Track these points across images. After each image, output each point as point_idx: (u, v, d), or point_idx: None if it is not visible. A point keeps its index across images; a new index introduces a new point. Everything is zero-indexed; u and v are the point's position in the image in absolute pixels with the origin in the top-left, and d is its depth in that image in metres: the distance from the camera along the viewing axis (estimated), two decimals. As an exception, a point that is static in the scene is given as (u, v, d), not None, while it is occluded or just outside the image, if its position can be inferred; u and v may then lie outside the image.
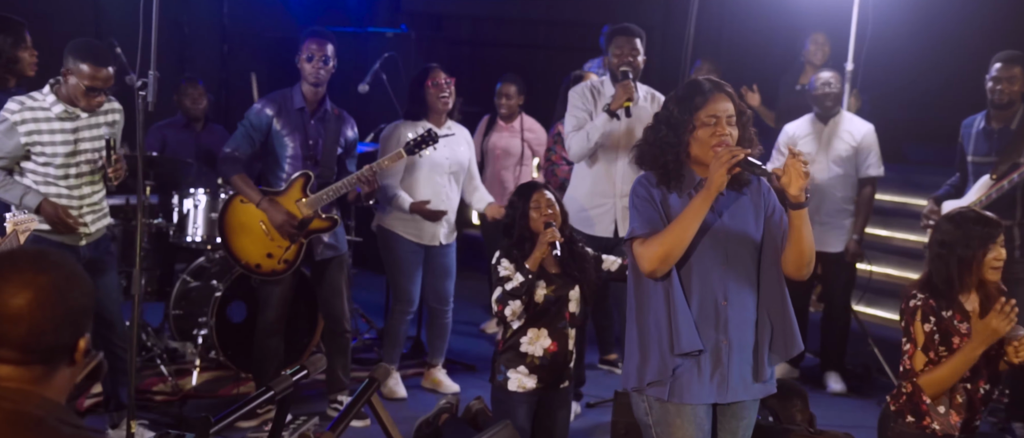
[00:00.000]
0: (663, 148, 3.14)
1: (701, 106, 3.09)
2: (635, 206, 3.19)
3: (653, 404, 3.20)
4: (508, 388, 4.08)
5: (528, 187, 4.21)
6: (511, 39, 11.33)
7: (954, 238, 3.56)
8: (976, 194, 5.35)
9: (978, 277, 3.57)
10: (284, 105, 5.00)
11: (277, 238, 4.97)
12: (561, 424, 4.21)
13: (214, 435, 2.47)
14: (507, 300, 4.01)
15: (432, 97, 5.42)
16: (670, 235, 3.06)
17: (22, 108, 4.35)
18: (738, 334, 3.16)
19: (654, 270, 3.10)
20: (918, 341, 3.57)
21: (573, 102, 5.23)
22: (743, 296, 3.17)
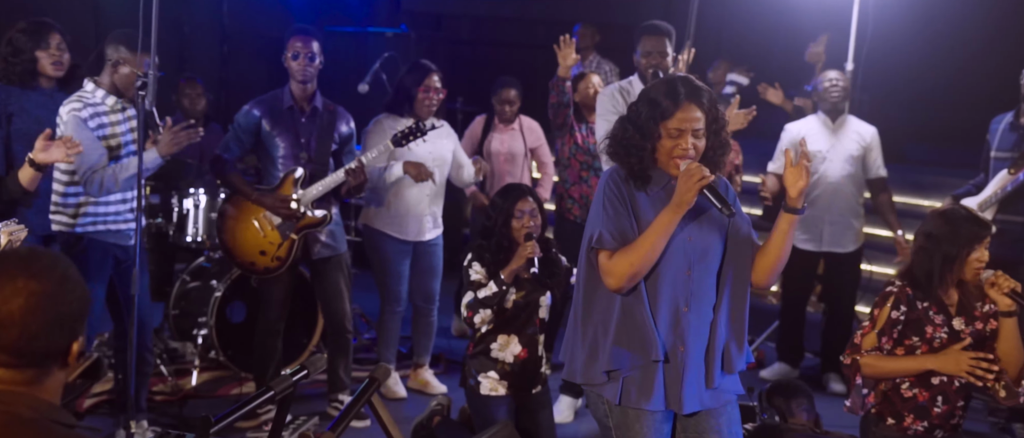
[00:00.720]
0: (629, 149, 3.07)
1: (668, 115, 3.01)
2: (605, 208, 3.08)
3: (611, 407, 3.15)
4: (481, 393, 4.07)
5: (512, 191, 4.13)
6: (511, 39, 11.34)
7: (942, 233, 3.57)
8: (992, 188, 5.35)
9: (959, 275, 3.59)
10: (273, 105, 5.00)
11: (270, 235, 4.97)
12: (545, 425, 4.19)
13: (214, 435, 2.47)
14: (478, 308, 3.98)
15: (420, 102, 5.40)
16: (638, 253, 3.00)
17: (83, 105, 4.43)
18: (696, 341, 3.12)
19: (620, 287, 3.05)
20: (878, 323, 3.60)
21: (602, 106, 5.14)
22: (703, 303, 3.12)
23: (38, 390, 1.79)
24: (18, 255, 1.82)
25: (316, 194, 4.94)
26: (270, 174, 5.03)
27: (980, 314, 3.64)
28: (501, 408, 4.06)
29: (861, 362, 3.59)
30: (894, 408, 3.65)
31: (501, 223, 4.05)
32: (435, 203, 5.55)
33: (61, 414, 1.80)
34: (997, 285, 3.50)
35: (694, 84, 3.06)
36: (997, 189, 5.30)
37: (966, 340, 3.59)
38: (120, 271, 4.62)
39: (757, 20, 8.56)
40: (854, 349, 3.66)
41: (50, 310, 1.77)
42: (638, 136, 3.05)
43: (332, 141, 5.07)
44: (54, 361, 1.80)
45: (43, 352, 1.78)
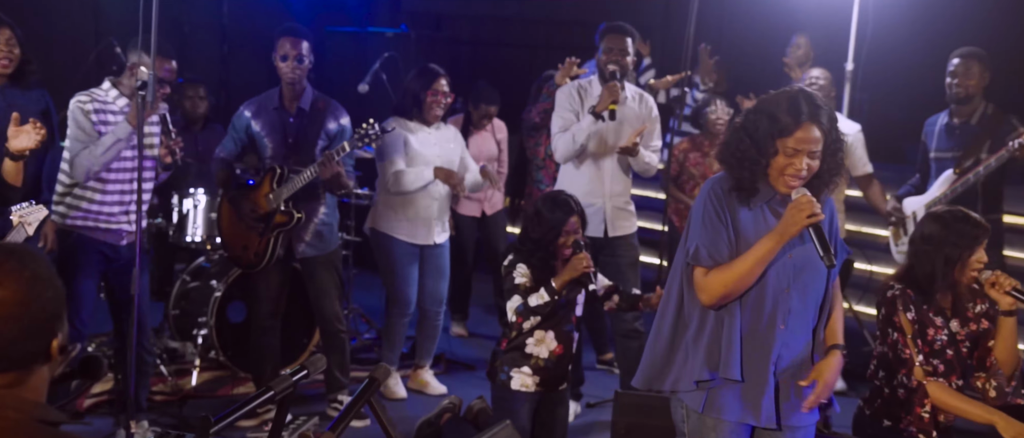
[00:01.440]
0: (742, 161, 2.98)
1: (787, 133, 2.92)
2: (704, 221, 3.04)
3: (690, 413, 3.14)
4: (511, 387, 4.07)
5: (562, 207, 4.06)
6: (511, 39, 11.32)
7: (941, 236, 3.57)
8: (940, 189, 5.39)
9: (957, 277, 3.59)
10: (263, 105, 5.07)
11: (252, 229, 5.03)
12: (561, 421, 4.22)
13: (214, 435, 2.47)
14: (529, 315, 3.98)
15: (427, 106, 5.40)
16: (734, 275, 2.97)
17: (91, 99, 4.52)
18: (791, 359, 3.09)
19: (713, 304, 3.03)
20: (906, 329, 3.58)
21: (560, 102, 5.22)
22: (801, 321, 3.09)
23: (22, 390, 1.77)
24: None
25: (288, 192, 4.93)
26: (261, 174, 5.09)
27: (973, 315, 3.64)
28: (525, 404, 4.07)
29: (929, 389, 3.56)
30: (890, 409, 3.65)
31: (551, 239, 4.01)
32: (444, 207, 5.55)
33: (47, 412, 1.78)
34: (998, 284, 3.50)
35: (816, 102, 2.96)
36: (946, 190, 5.33)
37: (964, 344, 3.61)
38: (114, 271, 4.63)
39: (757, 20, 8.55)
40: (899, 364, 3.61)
41: (23, 316, 1.73)
42: (754, 150, 2.96)
43: (317, 139, 5.06)
44: (35, 361, 1.78)
45: (21, 355, 1.75)
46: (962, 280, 3.59)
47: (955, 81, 5.36)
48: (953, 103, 5.43)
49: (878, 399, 3.69)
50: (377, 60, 6.85)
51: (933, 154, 5.54)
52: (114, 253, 4.61)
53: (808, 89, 3.08)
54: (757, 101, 3.09)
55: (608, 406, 5.00)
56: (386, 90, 6.65)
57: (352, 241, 6.48)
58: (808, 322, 3.11)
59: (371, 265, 7.12)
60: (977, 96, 5.38)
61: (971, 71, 5.33)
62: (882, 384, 3.67)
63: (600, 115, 5.00)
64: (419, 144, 5.38)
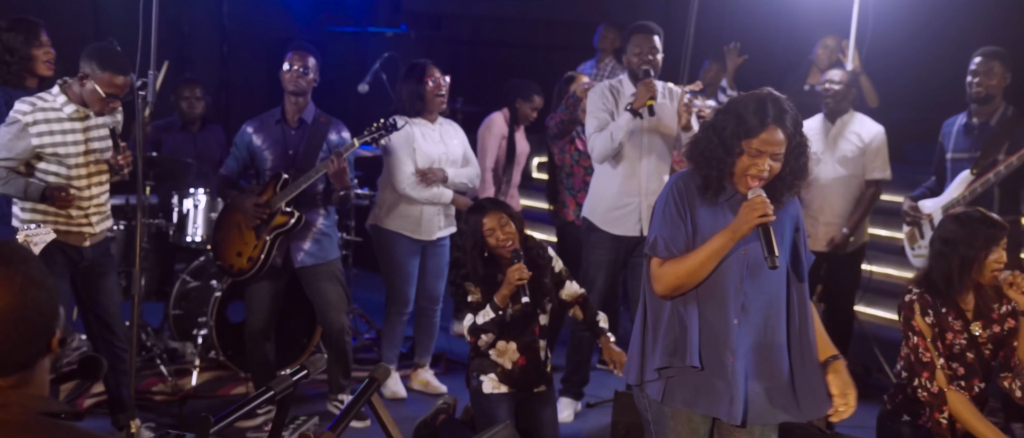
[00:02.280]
0: (709, 160, 3.06)
1: (753, 134, 2.99)
2: (666, 214, 3.13)
3: (651, 403, 3.21)
4: (483, 391, 4.08)
5: (476, 209, 4.08)
6: (511, 39, 11.33)
7: (958, 237, 3.56)
8: (957, 190, 5.34)
9: (977, 278, 3.58)
10: (265, 120, 5.09)
11: (246, 235, 5.01)
12: (548, 423, 4.19)
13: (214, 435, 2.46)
14: (479, 333, 3.98)
15: (430, 95, 5.41)
16: (686, 268, 3.06)
17: (34, 109, 4.36)
18: (747, 355, 3.11)
19: (665, 295, 3.13)
20: (925, 333, 3.58)
21: (593, 103, 5.18)
22: (759, 320, 3.12)
23: (28, 388, 1.77)
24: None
25: (289, 195, 4.94)
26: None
27: (997, 316, 3.63)
28: (502, 406, 4.07)
29: (949, 398, 3.56)
30: (911, 406, 3.65)
31: (477, 243, 4.00)
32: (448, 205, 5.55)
33: (49, 404, 1.78)
34: (1016, 285, 3.50)
35: (782, 105, 3.03)
36: (964, 191, 5.27)
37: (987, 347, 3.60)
38: (80, 273, 4.57)
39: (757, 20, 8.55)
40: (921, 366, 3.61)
41: (21, 322, 1.72)
42: (721, 149, 3.04)
43: (319, 150, 5.06)
44: (37, 359, 1.78)
45: (22, 359, 1.75)
46: (982, 281, 3.58)
47: (976, 80, 5.30)
48: (973, 103, 5.37)
49: (900, 395, 3.69)
50: (377, 60, 6.84)
51: (950, 155, 5.48)
52: (77, 255, 4.55)
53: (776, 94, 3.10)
54: (727, 101, 3.19)
55: (608, 406, 5.00)
56: (386, 90, 6.65)
57: (352, 241, 6.48)
58: (765, 320, 3.13)
59: (371, 265, 7.12)
60: (998, 96, 5.33)
61: (993, 70, 5.28)
62: (905, 382, 3.67)
63: (638, 112, 4.99)
64: (424, 141, 5.39)
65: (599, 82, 6.29)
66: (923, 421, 3.62)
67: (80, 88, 4.40)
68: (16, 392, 1.75)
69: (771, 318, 3.13)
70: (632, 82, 5.16)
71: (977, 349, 3.59)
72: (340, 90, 8.11)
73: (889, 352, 5.92)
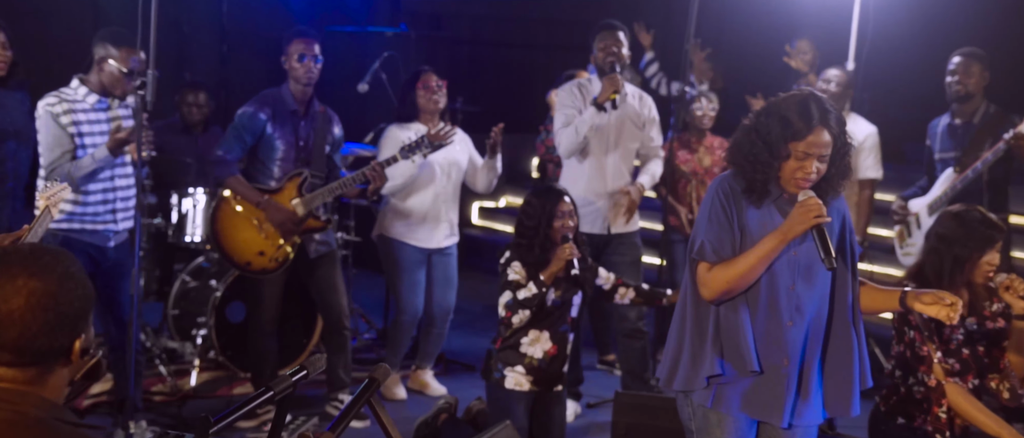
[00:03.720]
0: (755, 164, 3.02)
1: (799, 137, 2.96)
2: (712, 217, 3.08)
3: (697, 409, 3.15)
4: (505, 386, 4.07)
5: (552, 192, 4.14)
6: (511, 39, 11.32)
7: (956, 235, 3.56)
8: (940, 188, 5.39)
9: (969, 277, 3.58)
10: (277, 108, 4.99)
11: (271, 236, 4.96)
12: (558, 421, 4.22)
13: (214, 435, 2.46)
14: (517, 309, 3.98)
15: (422, 99, 5.40)
16: (736, 272, 3.01)
17: (59, 100, 4.42)
18: (803, 357, 3.10)
19: (714, 300, 3.07)
20: (922, 327, 3.57)
21: (561, 100, 5.31)
22: (810, 320, 3.10)
23: (42, 388, 1.78)
24: (20, 253, 1.80)
25: (322, 199, 4.95)
26: (264, 173, 5.02)
27: (989, 313, 3.63)
28: (521, 403, 4.07)
29: (947, 390, 3.56)
30: (905, 408, 3.65)
31: (544, 224, 4.05)
32: (451, 209, 5.53)
33: (65, 413, 1.80)
34: (1012, 288, 3.50)
35: (826, 106, 3.01)
36: (946, 189, 5.34)
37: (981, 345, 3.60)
38: (101, 273, 4.60)
39: (757, 20, 8.55)
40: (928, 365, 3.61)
41: (51, 309, 1.76)
42: (767, 153, 3.00)
43: (326, 144, 5.06)
44: (56, 359, 1.80)
45: (44, 350, 1.77)
46: (975, 279, 3.59)
47: (955, 79, 5.38)
48: (953, 102, 5.44)
49: (894, 396, 3.69)
50: (377, 60, 6.84)
51: (937, 155, 5.54)
52: (100, 256, 4.57)
53: (818, 92, 3.10)
54: (767, 104, 3.13)
55: (608, 406, 5.00)
56: (386, 90, 6.65)
57: (352, 241, 6.48)
58: (816, 320, 3.11)
59: (371, 265, 7.12)
60: (978, 95, 5.39)
61: (971, 70, 5.35)
62: (899, 383, 3.66)
63: (602, 106, 5.06)
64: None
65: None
66: (918, 423, 3.62)
67: (99, 74, 4.43)
68: (31, 391, 1.76)
69: (820, 319, 3.12)
70: (599, 77, 5.27)
71: (972, 345, 3.60)
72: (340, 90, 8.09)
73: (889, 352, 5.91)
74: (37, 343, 1.76)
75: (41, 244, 1.88)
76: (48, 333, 1.76)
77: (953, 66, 5.40)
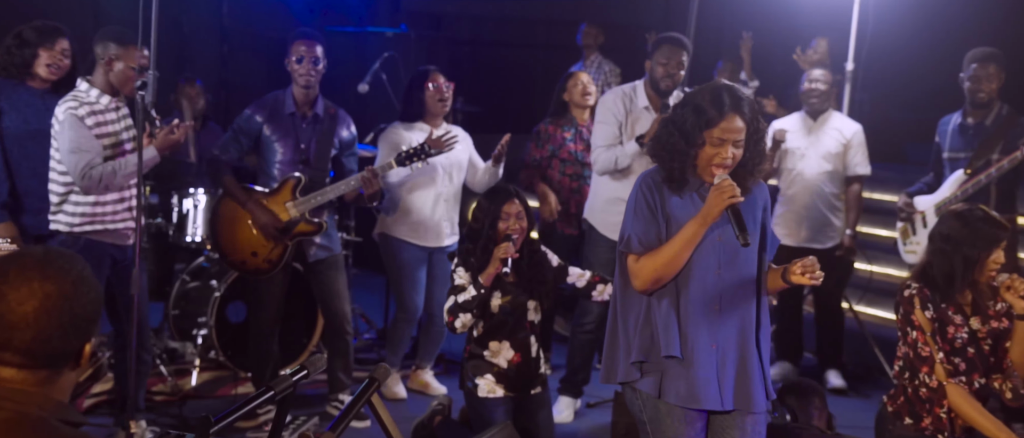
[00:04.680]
0: (673, 154, 3.14)
1: (713, 124, 3.07)
2: (637, 211, 3.19)
3: (646, 401, 3.22)
4: (479, 395, 4.07)
5: (499, 193, 4.12)
6: (511, 39, 11.34)
7: (961, 236, 3.55)
8: (950, 190, 5.38)
9: (976, 277, 3.58)
10: (275, 110, 4.98)
11: (264, 237, 4.96)
12: (544, 425, 4.19)
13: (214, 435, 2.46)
14: (458, 312, 3.97)
15: (431, 100, 5.39)
16: (663, 259, 3.11)
17: (79, 104, 4.41)
18: (730, 342, 3.17)
19: (645, 290, 3.17)
20: (925, 327, 3.58)
21: (602, 113, 5.14)
22: (738, 304, 3.18)
23: (50, 390, 1.79)
24: (34, 256, 1.80)
25: (314, 204, 4.92)
26: (266, 176, 5.02)
27: (994, 312, 3.63)
28: (499, 409, 4.06)
29: (948, 391, 3.56)
30: (912, 408, 3.65)
31: (488, 226, 4.04)
32: (452, 208, 5.53)
33: (69, 413, 1.80)
34: (1014, 288, 3.50)
35: (738, 94, 3.12)
36: (957, 190, 5.32)
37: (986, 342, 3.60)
38: (117, 271, 4.62)
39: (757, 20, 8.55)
40: (919, 361, 3.61)
41: (64, 312, 1.76)
42: (682, 142, 3.12)
43: (331, 147, 5.05)
44: (66, 362, 1.80)
45: (56, 354, 1.78)
46: (980, 279, 3.59)
47: (978, 86, 5.34)
48: (972, 106, 5.41)
49: (901, 397, 3.69)
50: (377, 60, 6.84)
51: (946, 154, 5.53)
52: (121, 254, 4.58)
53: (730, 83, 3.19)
54: (683, 96, 3.27)
55: (608, 406, 5.00)
56: (386, 90, 6.65)
57: (352, 241, 6.48)
58: (745, 304, 3.19)
59: (371, 265, 7.13)
60: (995, 98, 5.39)
61: (991, 74, 5.33)
62: (906, 383, 3.66)
63: (645, 145, 4.94)
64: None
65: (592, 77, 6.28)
66: (925, 424, 3.62)
67: (106, 74, 4.44)
68: (38, 391, 1.76)
69: (748, 303, 3.20)
70: (650, 90, 5.11)
71: (977, 344, 3.60)
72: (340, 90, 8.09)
73: (889, 352, 5.91)
74: (50, 346, 1.76)
75: (54, 247, 1.88)
76: (61, 337, 1.77)
77: (972, 71, 5.36)
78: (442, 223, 5.48)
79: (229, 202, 5.03)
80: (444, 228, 5.50)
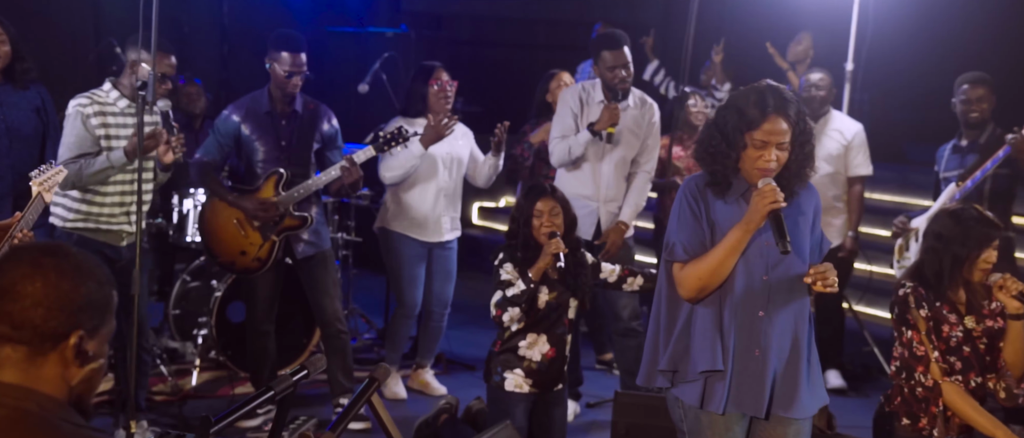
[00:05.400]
0: (715, 157, 3.08)
1: (755, 126, 3.00)
2: (681, 218, 3.12)
3: (688, 411, 3.16)
4: (505, 388, 4.08)
5: (535, 190, 4.17)
6: (511, 39, 11.34)
7: (952, 234, 3.57)
8: (942, 200, 5.43)
9: (967, 276, 3.59)
10: (252, 109, 4.99)
11: (250, 234, 4.97)
12: (558, 422, 4.22)
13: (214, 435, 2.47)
14: (507, 307, 4.00)
15: (434, 98, 5.40)
16: (708, 268, 3.04)
17: (91, 102, 4.47)
18: (775, 348, 3.10)
19: (691, 298, 3.10)
20: (920, 325, 3.58)
21: (561, 108, 5.20)
22: (784, 309, 3.11)
23: (39, 383, 1.77)
24: (43, 244, 1.86)
25: (297, 197, 4.93)
26: (250, 175, 5.03)
27: (988, 311, 3.64)
28: (520, 405, 4.07)
29: (944, 389, 3.57)
30: (909, 408, 3.65)
31: (523, 223, 4.08)
32: (452, 203, 5.54)
33: (69, 412, 1.79)
34: (1006, 288, 3.50)
35: (783, 96, 3.03)
36: (946, 200, 5.36)
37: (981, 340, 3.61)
38: (116, 271, 4.62)
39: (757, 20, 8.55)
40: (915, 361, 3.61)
41: (55, 287, 1.77)
42: (724, 144, 3.05)
43: (313, 141, 5.05)
44: (48, 345, 1.78)
45: (37, 328, 1.76)
46: (972, 278, 3.59)
47: (969, 107, 5.42)
48: (967, 127, 5.49)
49: (898, 397, 3.69)
50: (377, 60, 6.84)
51: (942, 174, 5.60)
52: (115, 254, 4.60)
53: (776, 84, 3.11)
54: (727, 98, 3.19)
55: (608, 406, 5.00)
56: (386, 90, 6.65)
57: (352, 241, 6.48)
58: (792, 310, 3.12)
59: (371, 265, 7.13)
60: (988, 118, 5.46)
61: (983, 96, 5.40)
62: (902, 383, 3.67)
63: (598, 133, 5.01)
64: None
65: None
66: (922, 424, 3.62)
67: (132, 79, 4.45)
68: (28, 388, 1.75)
69: (796, 309, 3.12)
70: (604, 92, 5.15)
71: (972, 343, 3.60)
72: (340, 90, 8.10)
73: (888, 352, 5.91)
74: (32, 315, 1.76)
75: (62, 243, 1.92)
76: (45, 309, 1.76)
77: (964, 94, 5.43)
78: (442, 218, 5.48)
79: (215, 203, 5.05)
80: (444, 223, 5.50)
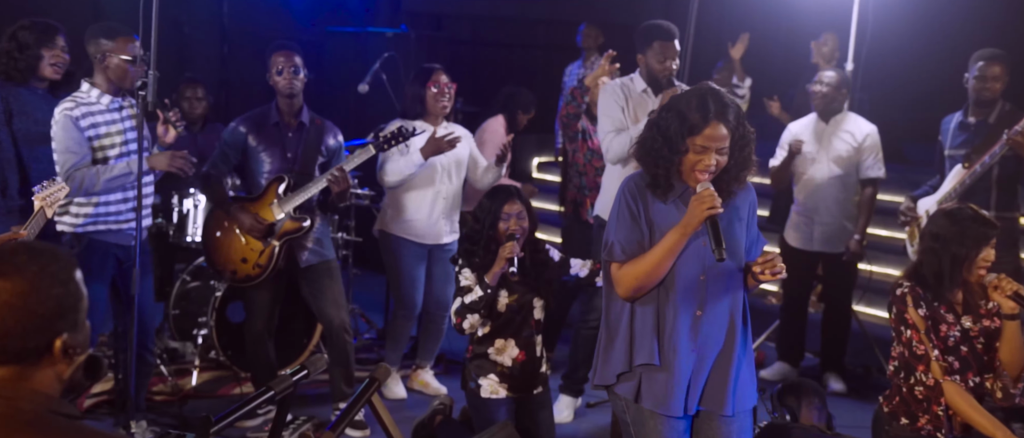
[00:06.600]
0: (656, 158, 3.13)
1: (696, 131, 3.04)
2: (620, 218, 3.18)
3: (629, 404, 3.22)
4: (481, 395, 4.07)
5: (500, 193, 4.12)
6: (511, 39, 11.34)
7: (950, 234, 3.57)
8: (950, 185, 5.37)
9: (966, 275, 3.59)
10: (259, 121, 5.01)
11: (251, 242, 4.96)
12: (545, 425, 4.19)
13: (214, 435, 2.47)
14: (465, 313, 3.98)
15: (431, 100, 5.39)
16: (644, 269, 3.10)
17: (76, 105, 4.43)
18: (712, 346, 3.16)
19: (628, 297, 3.17)
20: (919, 325, 3.58)
21: (605, 103, 5.09)
22: (720, 309, 3.17)
23: (32, 383, 1.77)
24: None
25: (298, 201, 4.92)
26: (255, 187, 5.03)
27: (985, 311, 3.64)
28: (501, 410, 4.06)
29: (945, 388, 3.57)
30: (908, 408, 3.65)
31: (488, 226, 4.04)
32: (452, 206, 5.53)
33: (62, 406, 1.78)
34: (1000, 288, 3.50)
35: (723, 100, 3.08)
36: (955, 184, 5.32)
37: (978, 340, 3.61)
38: (123, 271, 4.63)
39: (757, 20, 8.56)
40: (915, 360, 3.61)
41: (21, 310, 1.74)
42: (665, 148, 3.09)
43: (319, 155, 5.06)
44: (33, 358, 1.78)
45: (19, 351, 1.76)
46: (971, 278, 3.60)
47: (984, 85, 5.33)
48: (976, 105, 5.41)
49: (896, 397, 3.69)
50: (377, 60, 6.84)
51: (948, 151, 5.52)
52: (126, 255, 4.59)
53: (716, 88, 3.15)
54: (669, 100, 3.23)
55: (608, 406, 5.00)
56: (386, 90, 6.65)
57: (352, 241, 6.48)
58: (728, 309, 3.18)
59: (371, 265, 7.13)
60: (999, 97, 5.39)
61: (997, 74, 5.33)
62: (901, 383, 3.67)
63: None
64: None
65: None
66: (921, 424, 3.62)
67: (104, 71, 4.44)
68: (22, 386, 1.75)
69: (733, 308, 3.19)
70: (648, 84, 5.07)
71: (970, 343, 3.61)
72: (340, 90, 8.10)
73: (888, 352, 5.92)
74: (9, 343, 1.74)
75: (24, 242, 1.85)
76: (21, 334, 1.74)
77: (978, 71, 5.34)
78: (442, 221, 5.48)
79: (217, 213, 5.08)
80: (443, 226, 5.50)
